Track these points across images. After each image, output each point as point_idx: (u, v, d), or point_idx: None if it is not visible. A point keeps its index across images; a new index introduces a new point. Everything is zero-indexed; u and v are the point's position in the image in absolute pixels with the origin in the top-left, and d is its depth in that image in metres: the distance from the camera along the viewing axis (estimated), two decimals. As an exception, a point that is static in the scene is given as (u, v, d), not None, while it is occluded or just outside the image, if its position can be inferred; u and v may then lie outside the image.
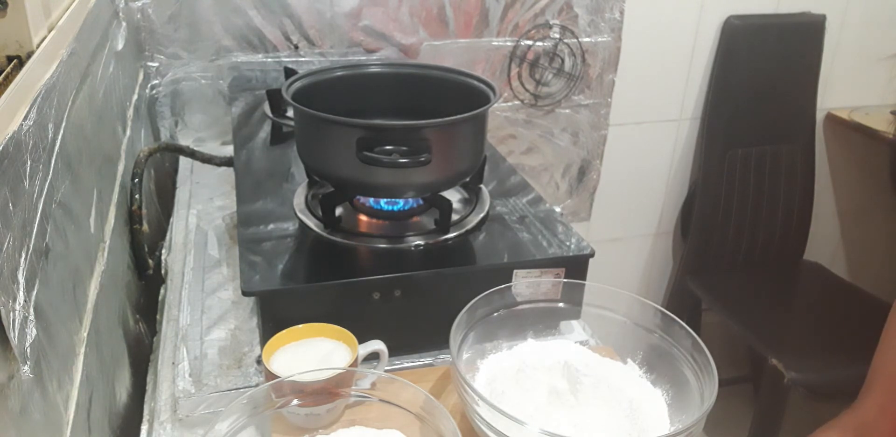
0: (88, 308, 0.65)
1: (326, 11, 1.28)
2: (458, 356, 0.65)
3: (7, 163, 0.45)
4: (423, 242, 0.78)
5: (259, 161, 0.99)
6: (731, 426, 1.55)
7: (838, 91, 1.73)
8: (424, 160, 0.71)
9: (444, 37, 1.37)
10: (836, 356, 1.44)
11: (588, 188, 1.66)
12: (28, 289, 0.47)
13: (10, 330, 0.42)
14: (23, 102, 0.52)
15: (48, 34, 0.63)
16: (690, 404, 0.63)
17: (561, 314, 0.76)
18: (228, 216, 0.99)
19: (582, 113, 1.55)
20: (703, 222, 1.72)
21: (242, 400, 0.60)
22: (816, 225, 1.81)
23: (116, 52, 0.99)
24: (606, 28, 1.46)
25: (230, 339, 0.77)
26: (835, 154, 1.83)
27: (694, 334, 0.66)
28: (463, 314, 0.67)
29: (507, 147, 1.53)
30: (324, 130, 0.76)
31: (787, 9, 1.60)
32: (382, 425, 0.62)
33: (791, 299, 1.75)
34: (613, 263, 1.82)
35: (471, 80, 0.86)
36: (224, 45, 1.26)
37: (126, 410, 0.74)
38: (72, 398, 0.56)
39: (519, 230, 0.81)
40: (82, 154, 0.70)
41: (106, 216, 0.81)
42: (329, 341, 0.68)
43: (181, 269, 0.89)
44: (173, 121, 1.30)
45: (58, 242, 0.57)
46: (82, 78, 0.74)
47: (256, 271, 0.71)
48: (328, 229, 0.79)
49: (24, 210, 0.48)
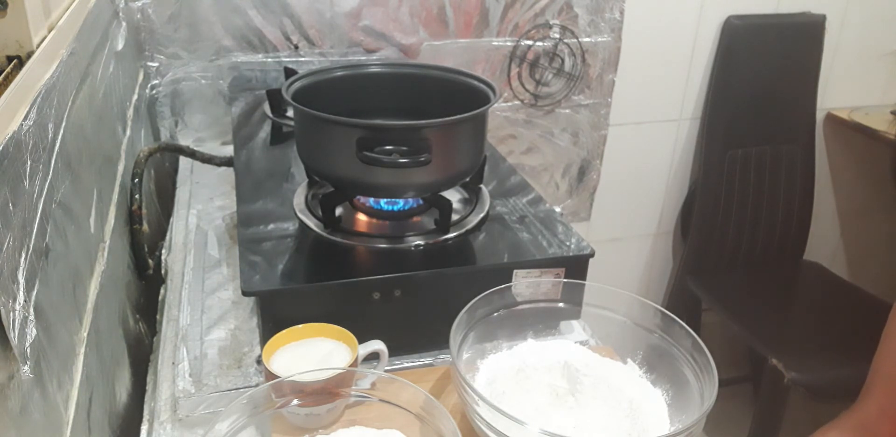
0: (88, 308, 0.65)
1: (326, 11, 1.28)
2: (458, 356, 0.65)
3: (7, 163, 0.45)
4: (423, 242, 0.78)
5: (259, 161, 0.99)
6: (731, 427, 1.55)
7: (838, 91, 1.73)
8: (424, 160, 0.71)
9: (444, 37, 1.37)
10: (836, 356, 1.44)
11: (588, 188, 1.66)
12: (28, 289, 0.47)
13: (10, 330, 0.42)
14: (23, 102, 0.52)
15: (48, 34, 0.63)
16: (690, 404, 0.63)
17: (561, 314, 0.76)
18: (228, 216, 0.99)
19: (582, 113, 1.55)
20: (703, 222, 1.72)
21: (242, 400, 0.60)
22: (816, 225, 1.81)
23: (116, 52, 0.99)
24: (606, 28, 1.46)
25: (230, 339, 0.77)
26: (835, 154, 1.83)
27: (694, 335, 0.65)
28: (463, 314, 0.67)
29: (507, 147, 1.53)
30: (324, 130, 0.76)
31: (787, 9, 1.60)
32: (382, 425, 0.62)
33: (791, 299, 1.75)
34: (613, 263, 1.82)
35: (471, 80, 0.86)
36: (224, 45, 1.26)
37: (126, 410, 0.74)
38: (72, 398, 0.55)
39: (519, 230, 0.81)
40: (82, 154, 0.70)
41: (106, 216, 0.81)
42: (329, 341, 0.68)
43: (181, 269, 0.89)
44: (173, 121, 1.30)
45: (58, 242, 0.57)
46: (82, 78, 0.74)
47: (256, 270, 0.71)
48: (328, 229, 0.79)
49: (24, 210, 0.48)
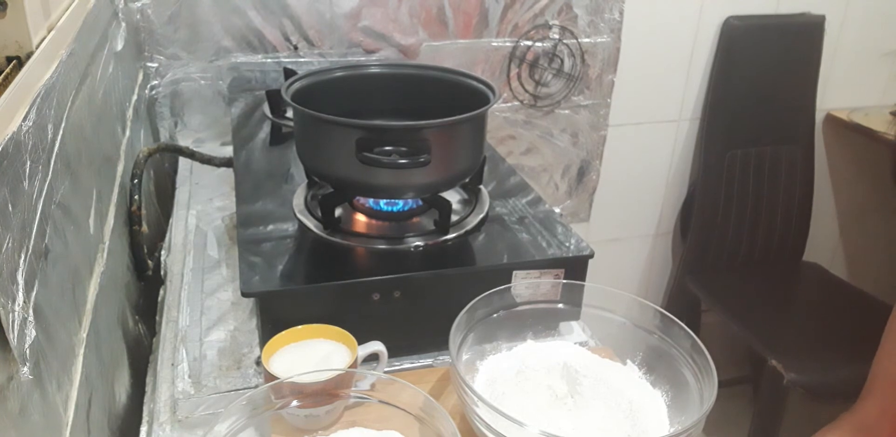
0: (88, 309, 0.65)
1: (326, 12, 1.28)
2: (458, 358, 0.65)
3: (6, 163, 0.45)
4: (422, 243, 0.78)
5: (258, 162, 0.99)
6: (731, 427, 1.55)
7: (838, 92, 1.73)
8: (424, 161, 0.71)
9: (443, 37, 1.37)
10: (835, 357, 1.44)
11: (587, 189, 1.66)
12: (27, 290, 0.47)
13: (10, 331, 0.42)
14: (22, 102, 0.52)
15: (48, 35, 0.63)
16: (690, 404, 0.63)
17: (560, 315, 0.76)
18: (228, 217, 0.99)
19: (581, 113, 1.55)
20: (702, 223, 1.72)
21: (242, 401, 0.60)
22: (816, 225, 1.81)
23: (116, 52, 0.99)
24: (606, 28, 1.46)
25: (229, 340, 0.77)
26: (834, 154, 1.83)
27: (693, 335, 0.65)
28: (462, 315, 0.67)
29: (506, 148, 1.53)
30: (323, 130, 0.76)
31: (787, 9, 1.60)
32: (382, 426, 0.62)
33: (791, 300, 1.75)
34: (613, 263, 1.82)
35: (470, 80, 0.86)
36: (223, 45, 1.26)
37: (125, 411, 0.74)
38: (71, 399, 0.55)
39: (518, 231, 0.81)
40: (82, 155, 0.70)
41: (105, 217, 0.81)
42: (328, 342, 0.68)
43: (180, 270, 0.89)
44: (173, 121, 1.30)
45: (57, 242, 0.57)
46: (82, 78, 0.74)
47: (256, 271, 0.71)
48: (328, 229, 0.79)
49: (23, 211, 0.48)
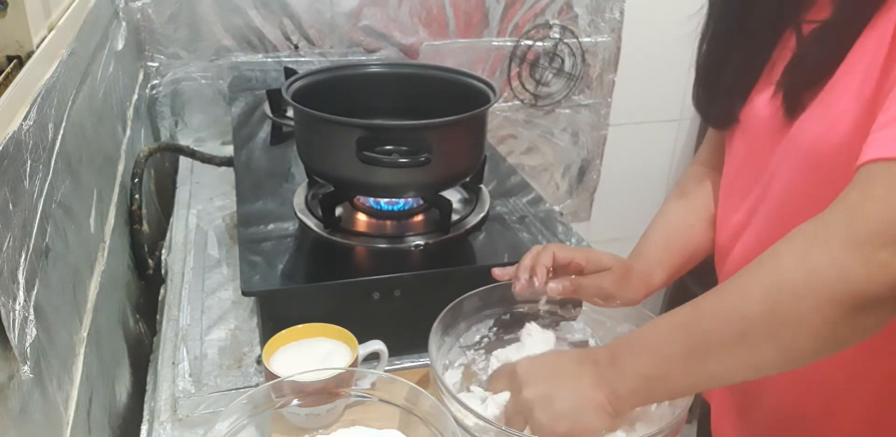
0: (88, 308, 0.65)
1: (326, 11, 1.28)
2: (439, 359, 0.65)
3: (7, 163, 0.45)
4: (422, 242, 0.78)
5: (259, 161, 0.99)
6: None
7: (838, 91, 1.73)
8: (424, 160, 0.71)
9: (444, 37, 1.37)
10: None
11: (588, 188, 1.65)
12: (28, 289, 0.47)
13: (10, 330, 0.42)
14: (23, 102, 0.52)
15: (48, 34, 0.63)
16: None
17: (560, 315, 0.76)
18: (228, 216, 0.99)
19: (582, 113, 1.55)
20: (703, 222, 1.72)
21: (242, 400, 0.60)
22: (816, 225, 1.81)
23: (116, 52, 0.99)
24: (606, 28, 1.46)
25: (230, 339, 0.77)
26: (835, 154, 1.83)
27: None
28: (445, 313, 0.66)
29: (507, 147, 1.53)
30: (324, 130, 0.76)
31: (787, 9, 1.60)
32: (382, 425, 0.62)
33: (791, 300, 1.75)
34: (613, 263, 1.81)
35: (471, 80, 0.86)
36: (224, 45, 1.26)
37: (126, 410, 0.74)
38: (72, 397, 0.56)
39: (519, 230, 0.81)
40: (82, 154, 0.70)
41: (106, 216, 0.81)
42: (329, 341, 0.68)
43: (181, 269, 0.89)
44: (173, 121, 1.30)
45: (58, 242, 0.57)
46: (82, 78, 0.74)
47: (256, 270, 0.71)
48: (328, 228, 0.79)
49: (24, 210, 0.48)
